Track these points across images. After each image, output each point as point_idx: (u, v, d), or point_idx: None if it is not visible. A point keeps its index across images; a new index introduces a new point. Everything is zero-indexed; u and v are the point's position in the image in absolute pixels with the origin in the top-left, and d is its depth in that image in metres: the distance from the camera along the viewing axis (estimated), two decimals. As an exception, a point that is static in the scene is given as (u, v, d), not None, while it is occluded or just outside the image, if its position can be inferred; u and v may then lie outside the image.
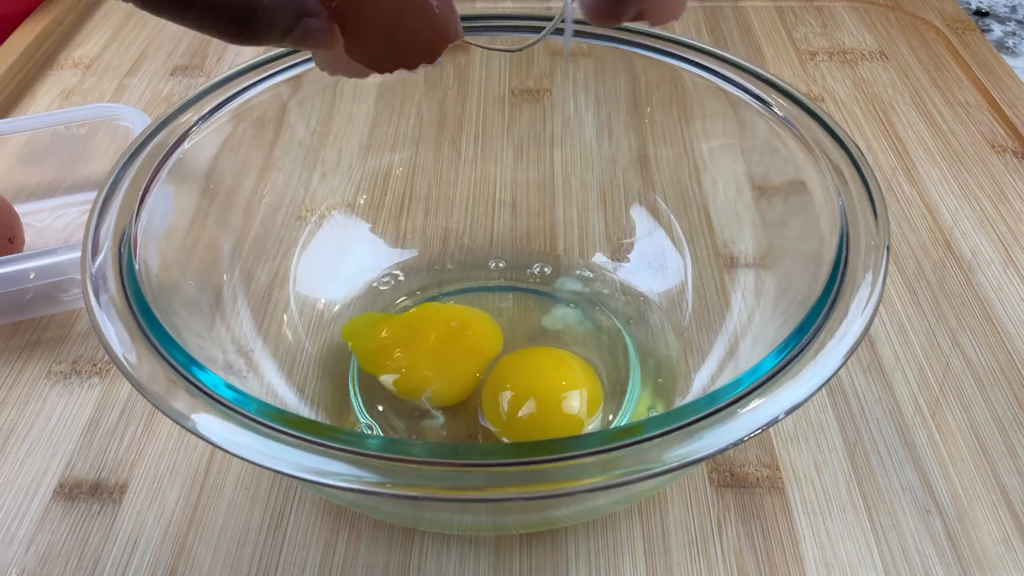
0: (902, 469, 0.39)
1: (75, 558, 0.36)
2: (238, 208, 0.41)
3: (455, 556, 0.36)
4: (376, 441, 0.29)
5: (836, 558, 0.36)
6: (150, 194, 0.35)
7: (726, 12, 0.72)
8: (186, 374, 0.28)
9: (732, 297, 0.42)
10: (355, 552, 0.36)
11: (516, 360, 0.42)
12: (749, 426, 0.26)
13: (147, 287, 0.32)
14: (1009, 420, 0.41)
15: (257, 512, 0.38)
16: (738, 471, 0.39)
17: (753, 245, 0.42)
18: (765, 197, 0.41)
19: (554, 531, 0.37)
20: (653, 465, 0.25)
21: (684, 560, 0.36)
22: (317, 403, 0.41)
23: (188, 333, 0.32)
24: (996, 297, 0.47)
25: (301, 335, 0.43)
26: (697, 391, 0.38)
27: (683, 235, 0.45)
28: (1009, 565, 0.35)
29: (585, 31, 0.42)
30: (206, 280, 0.39)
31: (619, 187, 0.48)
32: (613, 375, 0.42)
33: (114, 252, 0.32)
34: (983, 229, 0.51)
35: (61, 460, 0.40)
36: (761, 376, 0.28)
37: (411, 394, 0.41)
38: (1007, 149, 0.57)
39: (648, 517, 0.37)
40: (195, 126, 0.38)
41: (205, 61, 0.67)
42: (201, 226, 0.40)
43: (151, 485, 0.39)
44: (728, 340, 0.39)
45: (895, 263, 0.49)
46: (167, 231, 0.37)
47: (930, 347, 0.44)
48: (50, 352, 0.45)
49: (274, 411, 0.27)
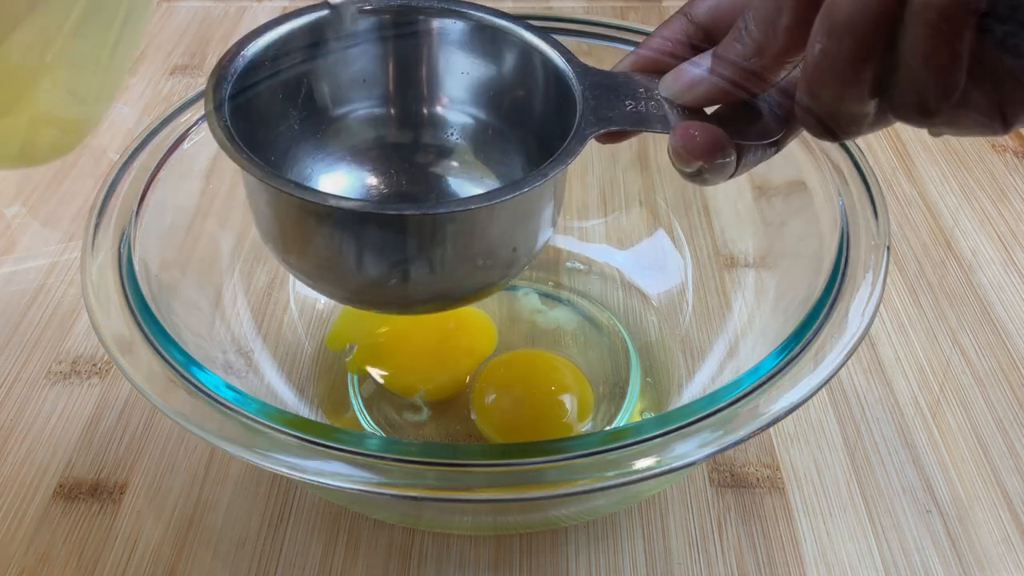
0: (902, 469, 0.39)
1: (75, 558, 0.36)
2: (238, 208, 0.41)
3: (455, 556, 0.36)
4: (376, 441, 0.29)
5: (836, 558, 0.36)
6: (150, 194, 0.35)
7: (726, 12, 0.72)
8: (186, 374, 0.28)
9: (732, 297, 0.42)
10: (355, 552, 0.36)
11: (506, 362, 0.42)
12: (749, 426, 0.26)
13: (147, 287, 0.32)
14: (1009, 420, 0.41)
15: (257, 512, 0.38)
16: (738, 471, 0.39)
17: (753, 245, 0.42)
18: (765, 197, 0.41)
19: (554, 531, 0.37)
20: (652, 465, 0.25)
21: (684, 560, 0.36)
22: (317, 403, 0.41)
23: (188, 333, 0.32)
24: (996, 297, 0.47)
25: (301, 335, 0.43)
26: (697, 391, 0.38)
27: (683, 235, 0.45)
28: (1009, 565, 0.35)
29: (585, 31, 0.42)
30: (206, 280, 0.39)
31: (619, 187, 0.48)
32: (613, 375, 0.42)
33: (114, 252, 0.32)
34: (983, 229, 0.51)
35: (61, 460, 0.40)
36: (761, 376, 0.28)
37: (406, 390, 0.41)
38: (1007, 149, 0.57)
39: (648, 517, 0.37)
40: (195, 126, 0.38)
41: (205, 61, 0.67)
42: (201, 226, 0.40)
43: (151, 485, 0.39)
44: (728, 340, 0.39)
45: (895, 263, 0.49)
46: (167, 231, 0.37)
47: (930, 347, 0.44)
48: (50, 352, 0.45)
49: (274, 411, 0.27)
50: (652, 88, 0.28)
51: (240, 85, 0.30)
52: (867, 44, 0.21)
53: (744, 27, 0.24)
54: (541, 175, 0.27)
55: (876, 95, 0.22)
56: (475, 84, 0.34)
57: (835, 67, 0.22)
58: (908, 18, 0.20)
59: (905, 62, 0.21)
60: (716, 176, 0.27)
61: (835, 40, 0.21)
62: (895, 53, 0.21)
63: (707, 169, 0.27)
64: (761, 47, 0.24)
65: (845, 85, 0.22)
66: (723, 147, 0.26)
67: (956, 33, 0.20)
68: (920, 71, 0.21)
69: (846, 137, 0.25)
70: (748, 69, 0.25)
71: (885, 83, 0.22)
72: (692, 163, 0.27)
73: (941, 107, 0.21)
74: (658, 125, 0.28)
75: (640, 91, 0.28)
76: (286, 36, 0.31)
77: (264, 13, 0.71)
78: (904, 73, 0.21)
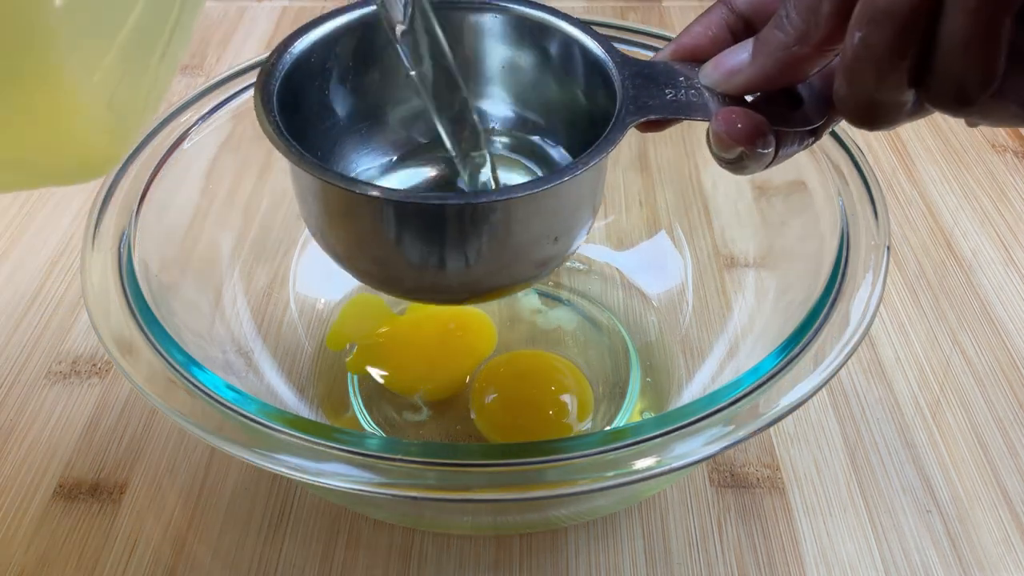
0: (902, 469, 0.39)
1: (74, 558, 0.36)
2: (238, 208, 0.41)
3: (455, 556, 0.36)
4: (375, 441, 0.29)
5: (836, 558, 0.36)
6: (150, 194, 0.35)
7: (726, 12, 0.72)
8: (186, 374, 0.28)
9: (732, 297, 0.42)
10: (355, 552, 0.36)
11: (506, 362, 0.42)
12: (749, 426, 0.26)
13: (147, 287, 0.32)
14: (1010, 420, 0.41)
15: (257, 512, 0.38)
16: (738, 471, 0.39)
17: (753, 245, 0.42)
18: (765, 197, 0.41)
19: (554, 531, 0.37)
20: (652, 465, 0.25)
21: (684, 560, 0.36)
22: (317, 403, 0.41)
23: (188, 333, 0.33)
24: (996, 297, 0.47)
25: (301, 335, 0.43)
26: (697, 391, 0.38)
27: (683, 235, 0.45)
28: (1009, 565, 0.35)
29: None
30: (206, 280, 0.39)
31: (619, 187, 0.48)
32: (613, 375, 0.42)
33: (114, 252, 0.32)
34: (983, 229, 0.51)
35: (61, 460, 0.40)
36: (761, 376, 0.28)
37: (406, 390, 0.41)
38: (1007, 149, 0.57)
39: (648, 517, 0.37)
40: (195, 126, 0.38)
41: (205, 61, 0.67)
42: (201, 226, 0.40)
43: (151, 485, 0.39)
44: (728, 340, 0.39)
45: (895, 263, 0.49)
46: (167, 231, 0.37)
47: (930, 347, 0.44)
48: (50, 352, 0.45)
49: (274, 411, 0.27)
50: (692, 77, 0.28)
51: (287, 82, 0.30)
52: (906, 32, 0.21)
53: (785, 15, 0.24)
54: (583, 163, 0.27)
55: (914, 84, 0.22)
56: (515, 77, 0.34)
57: (874, 55, 0.22)
58: (948, 6, 0.20)
59: (944, 51, 0.21)
60: (755, 164, 0.27)
61: (874, 28, 0.21)
62: (934, 41, 0.21)
63: (747, 155, 0.27)
64: (803, 35, 0.24)
65: (884, 74, 0.22)
66: (764, 134, 0.26)
67: (996, 22, 0.20)
68: (959, 60, 0.21)
69: (884, 127, 0.25)
70: (789, 57, 0.25)
71: (923, 72, 0.22)
72: (733, 149, 0.27)
73: (979, 97, 0.21)
74: (698, 113, 0.28)
75: (680, 79, 0.28)
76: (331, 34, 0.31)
77: (264, 13, 0.71)
78: (942, 62, 0.21)
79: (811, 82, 0.27)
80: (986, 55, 0.20)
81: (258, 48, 0.67)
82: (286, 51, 0.30)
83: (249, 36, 0.68)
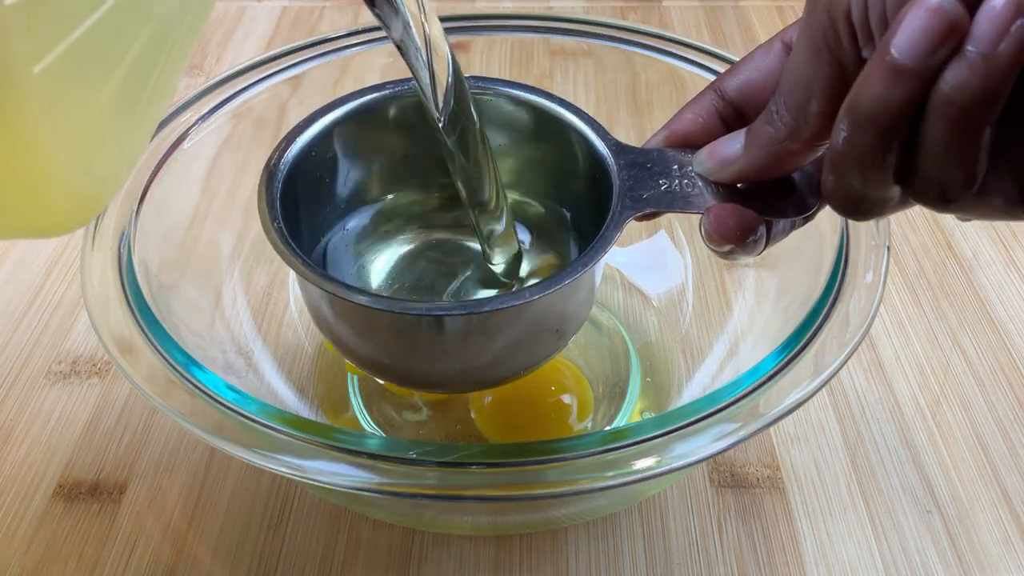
0: (902, 469, 0.39)
1: (74, 558, 0.36)
2: (238, 208, 0.41)
3: (455, 556, 0.36)
4: (375, 441, 0.29)
5: (836, 558, 0.36)
6: (150, 194, 0.35)
7: (726, 11, 0.72)
8: (186, 374, 0.28)
9: (732, 297, 0.42)
10: (355, 552, 0.36)
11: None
12: (749, 426, 0.26)
13: (147, 287, 0.32)
14: (1010, 420, 0.41)
15: (257, 512, 0.38)
16: (738, 471, 0.39)
17: (753, 245, 0.42)
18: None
19: (554, 531, 0.37)
20: (652, 465, 0.25)
21: (684, 560, 0.36)
22: (317, 403, 0.41)
23: (188, 333, 0.33)
24: (997, 297, 0.47)
25: (301, 335, 0.43)
26: (697, 391, 0.38)
27: (683, 235, 0.45)
28: (1010, 565, 0.35)
29: (585, 31, 0.42)
30: (206, 280, 0.39)
31: (619, 187, 0.48)
32: (613, 375, 0.42)
33: (114, 252, 0.32)
34: (984, 229, 0.51)
35: (61, 460, 0.40)
36: (761, 376, 0.28)
37: (406, 390, 0.41)
38: (1007, 149, 0.57)
39: (648, 517, 0.37)
40: (195, 126, 0.38)
41: (205, 61, 0.67)
42: (201, 226, 0.40)
43: (151, 485, 0.39)
44: (728, 340, 0.39)
45: (895, 263, 0.49)
46: (167, 231, 0.37)
47: (930, 347, 0.44)
48: (50, 352, 0.45)
49: (274, 411, 0.27)
50: (685, 164, 0.29)
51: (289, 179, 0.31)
52: (888, 136, 0.21)
53: (776, 110, 0.25)
54: (581, 265, 0.28)
55: (899, 182, 0.23)
56: (512, 159, 0.36)
57: (858, 155, 0.22)
58: (929, 114, 0.20)
59: (925, 153, 0.21)
60: (747, 254, 0.28)
61: (858, 130, 0.21)
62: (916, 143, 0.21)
63: (739, 249, 0.27)
64: (793, 131, 0.25)
65: (868, 172, 0.22)
66: (754, 229, 0.27)
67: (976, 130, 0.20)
68: (940, 163, 0.21)
69: (871, 218, 0.26)
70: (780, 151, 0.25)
71: (907, 171, 0.22)
72: (724, 246, 0.27)
73: (961, 196, 0.22)
74: (691, 207, 0.28)
75: (674, 168, 0.29)
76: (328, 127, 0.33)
77: (264, 13, 0.71)
78: (924, 164, 0.21)
79: (804, 168, 0.28)
80: (967, 158, 0.21)
81: (258, 48, 0.67)
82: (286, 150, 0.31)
83: (249, 36, 0.68)
